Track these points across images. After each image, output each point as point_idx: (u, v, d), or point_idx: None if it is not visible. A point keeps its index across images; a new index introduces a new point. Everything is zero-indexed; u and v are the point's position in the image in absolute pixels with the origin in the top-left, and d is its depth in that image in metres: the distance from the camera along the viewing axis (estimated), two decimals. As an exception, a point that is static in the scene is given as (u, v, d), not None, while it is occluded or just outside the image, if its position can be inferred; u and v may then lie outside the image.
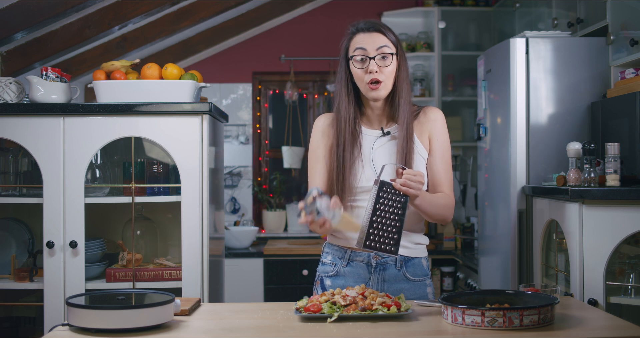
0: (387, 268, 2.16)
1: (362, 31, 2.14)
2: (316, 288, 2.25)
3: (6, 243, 2.99)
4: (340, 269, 2.19)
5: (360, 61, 2.11)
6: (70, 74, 3.04)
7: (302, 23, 5.44)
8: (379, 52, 2.10)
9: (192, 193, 2.70)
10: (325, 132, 2.23)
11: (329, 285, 2.20)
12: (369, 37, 2.12)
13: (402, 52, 2.16)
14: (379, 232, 1.94)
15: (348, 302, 1.89)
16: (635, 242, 2.60)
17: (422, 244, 2.22)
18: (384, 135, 2.18)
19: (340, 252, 2.20)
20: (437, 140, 2.19)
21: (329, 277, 2.21)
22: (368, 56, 2.10)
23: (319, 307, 1.87)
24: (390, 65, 2.12)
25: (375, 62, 2.10)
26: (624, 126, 2.85)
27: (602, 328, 1.82)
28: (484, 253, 3.71)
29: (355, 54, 2.12)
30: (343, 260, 2.19)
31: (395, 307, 1.86)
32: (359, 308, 1.87)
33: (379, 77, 2.10)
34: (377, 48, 2.10)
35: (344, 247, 2.19)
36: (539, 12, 3.92)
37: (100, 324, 1.73)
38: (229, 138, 5.36)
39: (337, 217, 1.89)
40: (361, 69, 2.11)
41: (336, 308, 1.87)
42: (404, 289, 2.16)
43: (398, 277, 2.16)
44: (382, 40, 2.11)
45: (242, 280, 4.55)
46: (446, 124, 2.23)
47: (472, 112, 5.00)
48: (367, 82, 2.11)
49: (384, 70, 2.11)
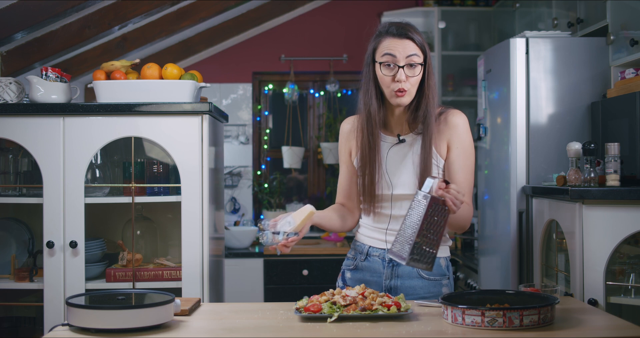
0: (400, 265, 2.18)
1: (392, 35, 2.10)
2: (338, 281, 2.34)
3: (6, 243, 2.99)
4: (359, 263, 2.26)
5: (388, 67, 2.09)
6: (70, 74, 3.04)
7: (302, 23, 5.44)
8: (408, 61, 2.07)
9: (192, 193, 2.70)
10: (348, 136, 2.28)
11: (349, 277, 2.28)
12: (399, 43, 2.08)
13: (429, 59, 2.13)
14: (421, 247, 1.89)
15: (348, 302, 1.89)
16: (635, 242, 2.60)
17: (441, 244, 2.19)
18: (399, 143, 2.18)
19: (361, 247, 2.26)
20: (456, 148, 2.16)
21: (350, 270, 2.28)
22: (397, 64, 2.08)
23: (319, 307, 1.88)
24: (419, 74, 2.10)
25: (404, 71, 2.07)
26: (624, 126, 2.85)
27: (602, 328, 1.82)
28: (484, 253, 3.72)
29: (383, 60, 2.09)
30: (362, 254, 2.25)
31: (395, 307, 1.86)
32: (359, 308, 1.87)
33: (405, 86, 2.08)
34: (406, 56, 2.07)
35: (364, 243, 2.26)
36: (539, 12, 3.92)
37: (100, 324, 1.73)
38: (229, 138, 5.36)
39: (280, 236, 2.04)
40: (388, 76, 2.09)
41: (336, 308, 1.87)
42: (418, 287, 2.18)
43: (412, 274, 2.18)
44: (412, 48, 2.08)
45: (242, 280, 4.55)
46: (468, 126, 2.20)
47: (472, 112, 4.99)
48: (393, 89, 2.09)
49: (411, 80, 2.09)
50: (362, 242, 2.27)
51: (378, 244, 2.22)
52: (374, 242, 2.23)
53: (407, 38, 2.08)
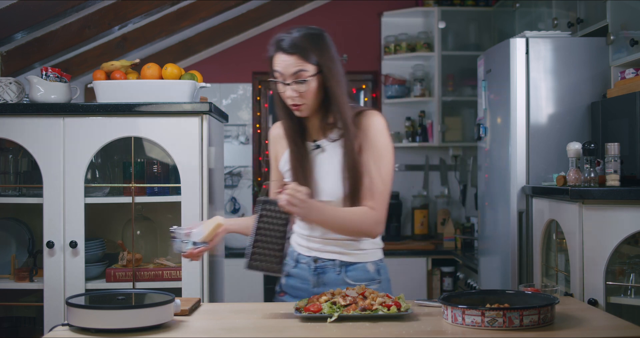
0: (326, 272, 2.15)
1: (280, 50, 2.04)
2: (276, 286, 2.30)
3: (6, 243, 2.99)
4: (290, 270, 2.21)
5: (279, 84, 2.07)
6: (70, 74, 3.03)
7: (302, 23, 5.40)
8: (295, 78, 2.03)
9: (192, 193, 2.70)
10: (274, 141, 2.27)
11: (284, 283, 2.24)
12: (286, 60, 2.02)
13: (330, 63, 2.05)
14: (263, 251, 1.92)
15: (348, 302, 1.89)
16: (635, 242, 2.60)
17: (368, 249, 2.17)
18: (316, 149, 2.15)
19: (292, 254, 2.22)
20: (366, 150, 2.08)
21: (284, 276, 2.23)
22: (284, 82, 2.05)
23: (319, 307, 1.88)
24: (310, 87, 2.04)
25: (292, 88, 2.04)
26: (624, 126, 2.85)
27: (602, 328, 1.82)
28: (484, 253, 3.71)
29: (274, 76, 2.07)
30: (292, 261, 2.21)
31: (395, 307, 1.86)
32: (359, 308, 1.87)
33: (297, 101, 2.06)
34: (292, 73, 2.02)
35: (294, 250, 2.22)
36: (539, 12, 3.92)
37: (100, 324, 1.73)
38: (229, 138, 5.36)
39: (188, 245, 2.08)
40: (282, 92, 2.08)
41: (336, 308, 1.87)
42: None
43: (338, 281, 2.14)
44: (298, 64, 2.02)
45: (242, 280, 4.54)
46: (384, 127, 2.10)
47: (472, 112, 5.00)
48: (289, 103, 2.08)
49: (303, 94, 2.05)
50: (293, 249, 2.23)
51: (305, 251, 2.19)
52: (301, 249, 2.20)
53: (293, 53, 2.02)
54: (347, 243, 2.14)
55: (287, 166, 2.19)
